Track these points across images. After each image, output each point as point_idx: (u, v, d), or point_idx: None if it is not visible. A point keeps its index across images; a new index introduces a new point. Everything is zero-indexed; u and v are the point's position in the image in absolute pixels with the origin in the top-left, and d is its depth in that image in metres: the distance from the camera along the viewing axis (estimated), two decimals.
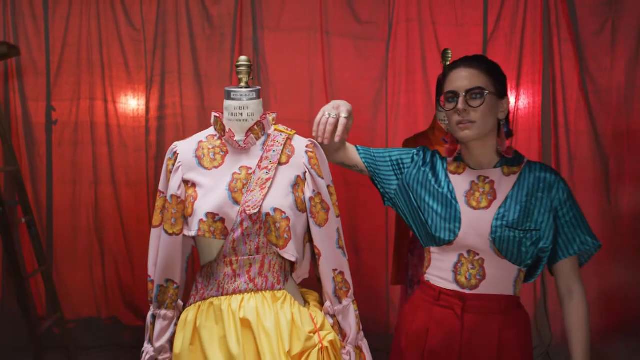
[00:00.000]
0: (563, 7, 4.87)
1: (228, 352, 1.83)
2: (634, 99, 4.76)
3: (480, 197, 2.09)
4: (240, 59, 2.07)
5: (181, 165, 1.98)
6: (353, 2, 5.20)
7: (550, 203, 2.07)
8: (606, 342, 4.73)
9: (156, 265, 2.03)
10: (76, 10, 5.31)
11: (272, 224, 1.89)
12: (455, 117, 2.06)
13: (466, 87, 2.03)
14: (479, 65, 2.08)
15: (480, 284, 2.05)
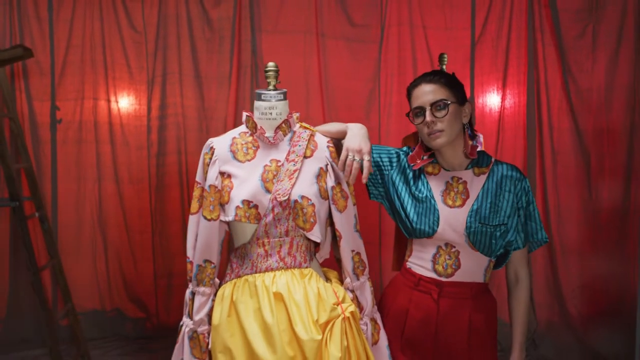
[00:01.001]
0: (546, 12, 5.10)
1: (263, 322, 2.06)
2: (613, 99, 4.98)
3: (455, 196, 2.32)
4: (268, 65, 2.32)
5: (217, 159, 2.22)
6: (347, 6, 5.41)
7: (515, 199, 2.31)
8: (588, 328, 4.98)
9: (195, 248, 2.24)
10: (80, 12, 5.48)
11: (300, 209, 2.13)
12: (425, 129, 2.29)
13: (430, 101, 2.26)
14: (438, 80, 2.31)
15: (455, 272, 2.29)
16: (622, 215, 4.92)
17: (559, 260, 5.12)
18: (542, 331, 5.14)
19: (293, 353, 2.02)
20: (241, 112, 5.50)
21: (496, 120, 5.27)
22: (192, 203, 2.31)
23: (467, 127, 2.36)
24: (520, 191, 2.33)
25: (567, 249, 5.12)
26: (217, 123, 5.51)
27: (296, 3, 5.41)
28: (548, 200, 5.15)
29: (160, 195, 5.55)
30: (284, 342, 2.02)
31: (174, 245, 5.58)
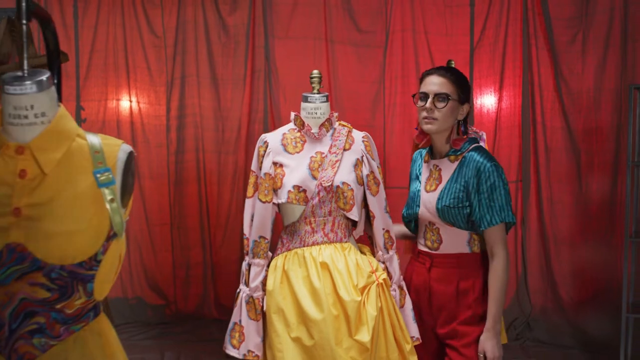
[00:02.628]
0: (540, 20, 5.43)
1: (311, 287, 2.45)
2: (601, 100, 5.28)
3: (432, 182, 2.60)
4: (313, 73, 2.73)
5: (271, 151, 2.62)
6: (354, 14, 5.78)
7: (477, 184, 2.47)
8: (579, 311, 5.29)
9: (250, 227, 2.63)
10: (103, 19, 5.83)
11: (341, 193, 2.53)
12: (423, 113, 2.52)
13: (435, 91, 2.48)
14: (449, 76, 2.51)
15: (440, 246, 2.58)
16: (609, 207, 5.24)
17: (551, 249, 5.42)
18: (536, 315, 5.43)
19: (337, 312, 2.41)
20: (255, 112, 5.86)
21: (493, 120, 5.62)
22: (247, 188, 2.71)
23: (461, 123, 2.59)
24: (478, 174, 2.48)
25: (559, 239, 5.42)
26: (232, 123, 5.87)
27: (306, 11, 5.77)
28: (541, 193, 5.46)
29: (179, 190, 5.90)
30: (329, 303, 2.41)
31: (192, 238, 5.93)
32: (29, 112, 1.40)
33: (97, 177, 1.43)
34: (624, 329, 4.26)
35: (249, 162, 5.77)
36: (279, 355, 2.45)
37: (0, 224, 1.34)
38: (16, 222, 1.36)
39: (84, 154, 1.46)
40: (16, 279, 1.35)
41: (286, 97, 5.77)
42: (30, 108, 1.39)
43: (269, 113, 5.82)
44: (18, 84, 1.41)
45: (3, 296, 1.35)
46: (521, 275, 5.55)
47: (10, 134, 1.42)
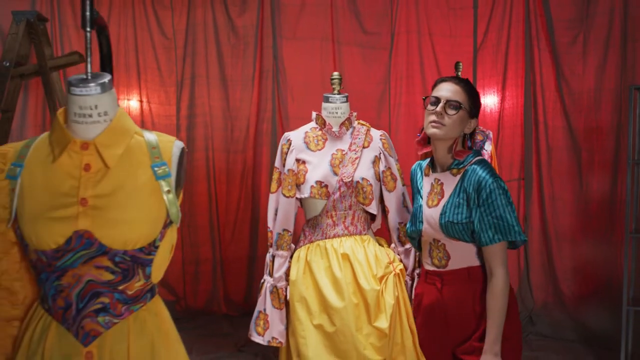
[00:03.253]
0: (542, 22, 5.57)
1: (333, 277, 2.60)
2: (601, 100, 5.40)
3: (434, 196, 2.48)
4: (333, 74, 2.87)
5: (294, 149, 2.77)
6: (360, 15, 5.91)
7: (477, 199, 2.37)
8: (580, 306, 5.43)
9: (274, 220, 2.77)
10: (114, 20, 5.95)
11: (360, 188, 2.67)
12: (432, 117, 2.41)
13: (448, 97, 2.41)
14: (464, 86, 2.46)
15: (448, 263, 2.45)
16: (610, 205, 5.36)
17: (553, 246, 5.56)
18: (538, 310, 5.57)
19: (357, 301, 2.56)
20: (263, 112, 6.00)
21: (496, 120, 5.76)
22: (271, 184, 2.85)
23: (467, 137, 2.50)
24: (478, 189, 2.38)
25: (561, 236, 5.55)
26: (241, 122, 6.00)
27: (314, 12, 5.90)
28: (543, 191, 5.60)
29: (189, 189, 6.02)
30: (350, 292, 2.56)
31: (201, 236, 6.06)
32: (93, 112, 1.53)
33: (155, 170, 1.57)
34: (625, 322, 4.38)
35: (258, 161, 5.96)
36: (302, 342, 2.60)
37: (69, 213, 1.48)
38: (83, 211, 1.49)
39: (142, 150, 1.60)
40: (83, 262, 1.49)
41: (294, 97, 5.90)
42: (95, 108, 1.53)
43: (277, 112, 5.95)
44: (83, 85, 1.54)
45: (71, 278, 1.49)
46: (523, 271, 5.68)
47: (75, 131, 1.56)
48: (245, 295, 6.05)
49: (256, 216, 6.00)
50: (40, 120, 5.80)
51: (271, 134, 5.99)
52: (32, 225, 1.48)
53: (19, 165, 1.55)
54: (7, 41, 4.48)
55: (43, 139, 1.61)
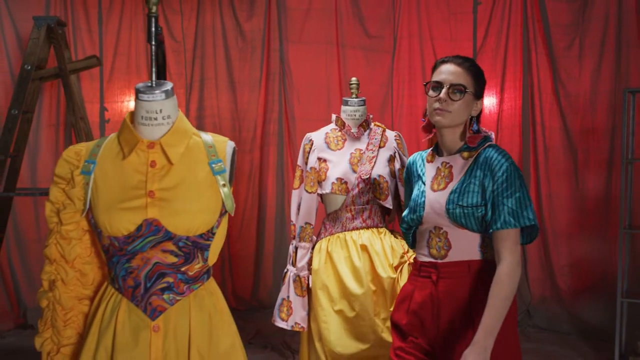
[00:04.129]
0: (539, 26, 5.78)
1: (352, 266, 2.82)
2: (597, 102, 5.61)
3: (440, 180, 2.27)
4: (352, 80, 3.10)
5: (316, 148, 2.99)
6: (364, 20, 6.13)
7: (492, 182, 2.19)
8: (576, 300, 5.64)
9: (297, 214, 2.99)
10: (126, 25, 6.15)
11: (377, 185, 2.90)
12: (435, 104, 2.21)
13: (451, 81, 2.20)
14: (467, 67, 2.25)
15: (448, 253, 2.23)
16: (604, 203, 5.57)
17: (550, 242, 5.76)
18: (535, 303, 5.78)
19: (375, 288, 2.80)
20: (270, 113, 6.20)
21: (495, 120, 5.96)
22: (294, 181, 3.08)
23: (474, 120, 2.28)
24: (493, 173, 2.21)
25: (558, 232, 5.76)
26: (248, 123, 6.21)
27: (319, 17, 6.12)
28: (541, 190, 5.81)
29: None
30: (368, 280, 2.79)
31: None
32: (158, 115, 1.74)
33: (212, 167, 1.78)
34: (619, 313, 4.58)
35: (265, 160, 6.17)
36: (324, 326, 2.82)
37: (138, 204, 1.69)
38: (151, 202, 1.70)
39: (200, 149, 1.81)
40: (151, 247, 1.70)
41: (300, 99, 6.11)
42: (159, 112, 1.74)
43: (284, 114, 6.16)
44: (150, 92, 1.75)
45: (140, 261, 1.70)
46: (521, 266, 5.86)
47: (142, 132, 1.76)
48: (252, 290, 6.25)
49: (263, 214, 6.20)
50: (54, 120, 5.99)
51: (278, 134, 6.19)
52: (107, 215, 1.69)
53: (92, 162, 1.76)
54: (29, 45, 4.66)
55: (112, 139, 1.82)
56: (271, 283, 6.19)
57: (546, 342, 5.32)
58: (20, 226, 5.79)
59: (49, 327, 1.81)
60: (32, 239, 5.89)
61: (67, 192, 1.74)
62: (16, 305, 5.78)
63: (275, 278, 6.14)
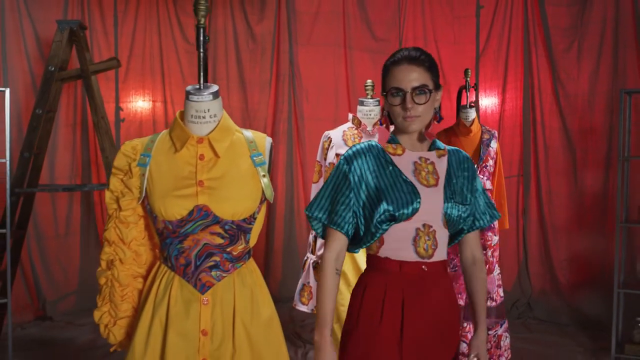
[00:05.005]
0: (539, 30, 6.01)
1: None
2: (595, 102, 5.84)
3: (427, 175, 2.12)
4: (367, 82, 3.32)
5: (334, 145, 3.21)
6: (370, 23, 6.35)
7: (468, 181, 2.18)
8: (575, 293, 5.87)
9: None
10: (140, 27, 6.38)
11: None
12: (402, 112, 2.06)
13: (412, 85, 2.04)
14: (422, 63, 2.07)
15: (434, 253, 2.11)
16: (602, 199, 5.81)
17: (550, 237, 5.99)
18: (536, 296, 6.01)
19: None
20: (280, 113, 6.43)
21: (497, 120, 6.19)
22: (314, 176, 3.31)
23: (437, 112, 2.16)
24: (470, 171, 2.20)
25: (557, 228, 5.99)
26: (258, 123, 6.43)
27: (327, 20, 6.35)
28: (541, 187, 6.03)
29: None
30: None
31: None
32: (206, 114, 1.97)
33: (254, 159, 2.00)
34: (616, 303, 4.78)
35: (274, 159, 6.39)
36: (342, 309, 3.04)
37: (190, 192, 1.91)
38: (201, 190, 1.92)
39: (242, 144, 2.03)
40: (201, 229, 1.92)
41: (308, 99, 6.33)
42: (207, 111, 1.97)
43: (293, 113, 6.38)
44: (199, 94, 1.98)
45: (191, 242, 1.92)
46: (522, 261, 6.11)
47: (192, 129, 1.99)
48: None
49: (273, 211, 6.42)
50: (71, 119, 6.20)
51: (287, 133, 6.42)
52: (162, 201, 1.91)
53: (147, 155, 1.98)
54: (52, 47, 4.88)
55: (164, 135, 2.04)
56: (280, 277, 6.41)
57: (546, 333, 5.53)
58: (39, 222, 6.00)
59: (107, 302, 2.04)
60: (50, 235, 6.11)
61: (125, 182, 1.98)
62: (36, 298, 5.98)
63: (284, 272, 6.36)
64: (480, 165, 4.21)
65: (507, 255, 5.98)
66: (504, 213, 4.45)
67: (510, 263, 6.07)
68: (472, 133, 4.28)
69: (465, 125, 4.26)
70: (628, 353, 4.62)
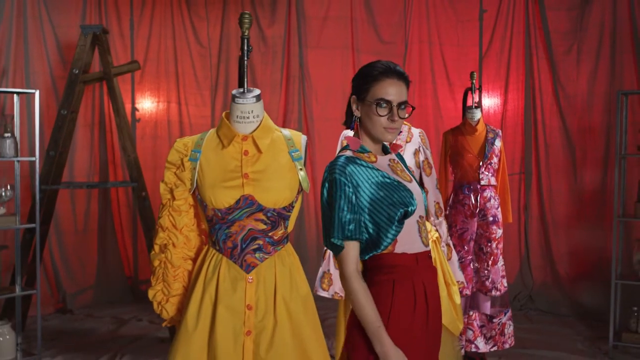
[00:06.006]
0: (540, 33, 6.26)
1: None
2: (593, 103, 6.08)
3: (402, 174, 2.21)
4: None
5: None
6: (377, 27, 6.59)
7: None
8: (574, 285, 6.11)
9: None
10: (156, 31, 6.62)
11: None
12: (386, 123, 2.12)
13: (399, 100, 2.11)
14: (406, 80, 2.16)
15: (427, 240, 2.23)
16: (600, 195, 6.06)
17: (550, 232, 6.24)
18: (537, 288, 6.26)
19: None
20: (290, 113, 6.67)
21: (499, 120, 6.43)
22: None
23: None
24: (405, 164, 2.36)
25: (557, 223, 6.24)
26: None
27: (335, 24, 6.59)
28: (542, 184, 6.28)
29: None
30: None
31: None
32: (250, 115, 2.22)
33: (292, 155, 2.25)
34: (613, 294, 5.00)
35: None
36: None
37: (236, 183, 2.17)
38: (246, 182, 2.17)
39: (281, 141, 2.28)
40: (246, 216, 2.17)
41: (318, 100, 6.57)
42: (251, 112, 2.22)
43: (303, 113, 6.63)
44: (243, 97, 2.23)
45: (237, 227, 2.17)
46: (524, 255, 6.37)
47: (237, 128, 2.24)
48: None
49: None
50: (89, 120, 6.44)
51: None
52: (212, 192, 2.16)
53: (198, 151, 2.24)
54: (76, 51, 5.11)
55: (212, 133, 2.30)
56: None
57: (547, 323, 5.78)
58: (59, 218, 6.22)
59: (160, 281, 2.29)
60: (69, 230, 6.34)
61: (178, 175, 2.23)
62: (56, 292, 6.21)
63: None
64: (485, 162, 4.45)
65: (510, 250, 6.22)
66: (507, 208, 4.69)
67: (513, 257, 6.31)
68: (478, 132, 4.52)
69: (471, 124, 4.51)
70: (625, 341, 4.87)
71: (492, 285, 4.44)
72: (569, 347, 5.10)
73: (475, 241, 4.47)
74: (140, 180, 5.12)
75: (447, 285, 3.31)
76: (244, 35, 2.26)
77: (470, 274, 4.43)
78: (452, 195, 4.58)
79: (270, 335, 2.17)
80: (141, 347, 5.09)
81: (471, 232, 4.45)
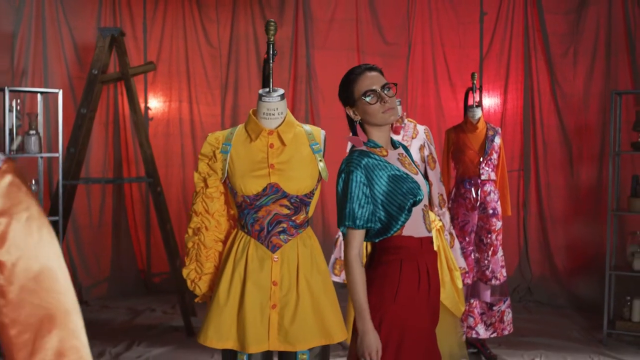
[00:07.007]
0: (538, 36, 6.50)
1: None
2: (589, 102, 6.32)
3: (409, 166, 2.41)
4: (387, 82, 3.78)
5: None
6: (381, 29, 6.83)
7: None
8: (571, 278, 6.35)
9: None
10: (168, 33, 6.86)
11: None
12: (380, 107, 2.30)
13: (380, 84, 2.33)
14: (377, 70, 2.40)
15: (430, 227, 2.45)
16: (596, 191, 6.30)
17: (548, 226, 6.48)
18: (535, 281, 6.50)
19: None
20: (297, 112, 6.88)
21: (499, 119, 6.66)
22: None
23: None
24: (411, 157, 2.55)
25: (555, 218, 6.48)
26: None
27: (341, 26, 6.83)
28: (540, 180, 6.52)
29: None
30: None
31: None
32: (275, 112, 2.48)
33: (312, 148, 2.51)
34: (607, 285, 5.23)
35: None
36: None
37: (263, 173, 2.42)
38: (272, 171, 2.43)
39: (303, 135, 2.54)
40: (272, 202, 2.42)
41: (324, 99, 6.81)
42: (276, 109, 2.48)
43: (310, 113, 6.86)
44: (269, 96, 2.49)
45: (264, 212, 2.42)
46: (523, 249, 6.61)
47: (263, 124, 2.50)
48: None
49: None
50: (104, 118, 6.68)
51: None
52: (242, 180, 2.42)
53: (228, 144, 2.49)
54: (95, 53, 5.35)
55: (241, 128, 2.55)
56: None
57: (545, 314, 6.02)
58: (75, 213, 6.44)
59: (194, 261, 2.55)
60: (85, 224, 6.59)
61: (211, 166, 2.49)
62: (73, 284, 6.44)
63: None
64: (486, 158, 4.70)
65: (509, 244, 6.43)
66: (506, 201, 4.93)
67: (512, 251, 6.53)
68: (478, 130, 4.77)
69: (472, 123, 4.76)
70: (619, 329, 5.11)
71: (492, 274, 4.68)
72: (565, 335, 5.35)
73: (475, 233, 4.71)
74: (155, 176, 5.36)
75: (450, 271, 3.55)
76: (269, 40, 2.51)
77: (471, 264, 4.68)
78: (454, 189, 4.82)
79: (294, 308, 2.42)
80: (157, 335, 5.33)
81: (472, 224, 4.69)
